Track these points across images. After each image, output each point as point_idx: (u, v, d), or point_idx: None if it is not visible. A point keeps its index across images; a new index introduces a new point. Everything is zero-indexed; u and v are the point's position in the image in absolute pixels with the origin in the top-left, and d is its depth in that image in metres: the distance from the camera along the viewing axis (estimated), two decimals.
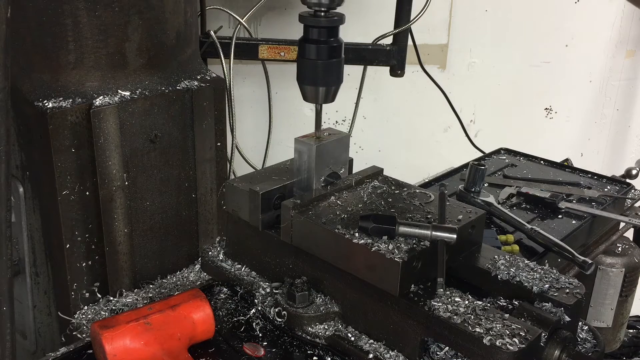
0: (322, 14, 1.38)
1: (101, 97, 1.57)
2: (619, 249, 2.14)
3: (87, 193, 1.59)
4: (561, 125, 3.50)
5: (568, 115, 3.51)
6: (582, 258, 1.67)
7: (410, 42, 2.39)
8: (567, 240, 1.83)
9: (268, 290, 1.46)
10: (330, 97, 1.46)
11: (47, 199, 1.57)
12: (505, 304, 1.29)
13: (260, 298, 1.45)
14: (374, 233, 1.29)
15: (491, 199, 1.93)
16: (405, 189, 1.53)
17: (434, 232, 1.28)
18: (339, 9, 1.40)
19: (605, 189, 2.20)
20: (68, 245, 1.58)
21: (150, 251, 1.76)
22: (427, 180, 2.24)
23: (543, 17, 3.24)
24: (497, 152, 2.54)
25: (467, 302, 1.23)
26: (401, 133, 3.27)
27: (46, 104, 1.50)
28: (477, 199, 1.92)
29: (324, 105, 1.48)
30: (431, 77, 2.59)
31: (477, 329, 1.15)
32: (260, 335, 1.39)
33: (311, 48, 1.40)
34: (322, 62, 1.40)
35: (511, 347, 1.11)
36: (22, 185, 1.64)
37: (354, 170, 1.60)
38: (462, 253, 1.39)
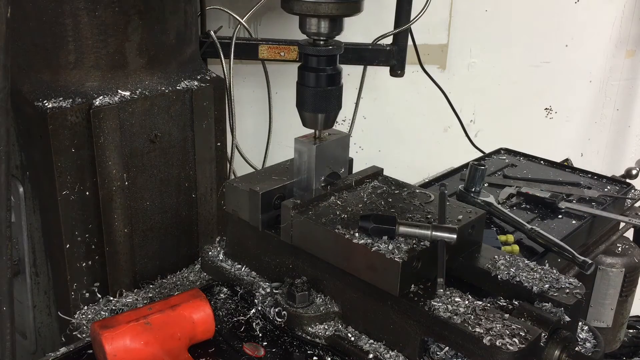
0: (322, 42, 1.39)
1: (101, 97, 1.57)
2: (619, 249, 2.14)
3: (87, 193, 1.59)
4: (561, 125, 3.50)
5: (568, 115, 3.51)
6: (582, 258, 1.67)
7: (410, 42, 2.38)
8: (567, 240, 1.83)
9: (268, 290, 1.46)
10: (329, 123, 1.47)
11: (47, 199, 1.57)
12: (505, 304, 1.29)
13: (260, 298, 1.45)
14: (374, 233, 1.29)
15: (491, 199, 1.93)
16: (405, 189, 1.53)
17: (434, 232, 1.28)
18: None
19: (605, 189, 2.20)
20: (68, 245, 1.58)
21: (150, 251, 1.76)
22: (427, 180, 2.24)
23: (543, 17, 3.24)
24: (497, 152, 2.54)
25: (467, 302, 1.23)
26: (401, 133, 3.27)
27: (46, 104, 1.50)
28: (477, 199, 1.92)
29: None
30: (431, 77, 2.59)
31: (477, 329, 1.15)
32: (260, 335, 1.39)
33: (310, 76, 1.41)
34: (321, 89, 1.41)
35: (511, 347, 1.11)
36: (22, 185, 1.64)
37: (354, 170, 1.60)
38: (462, 253, 1.39)
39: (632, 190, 2.24)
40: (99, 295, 1.67)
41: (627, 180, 2.30)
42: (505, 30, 3.22)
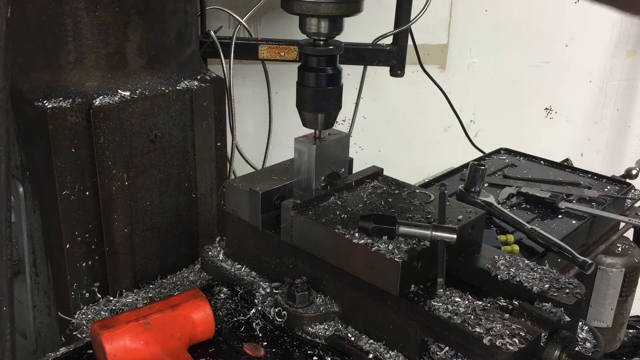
0: (322, 42, 1.39)
1: (101, 97, 1.57)
2: (619, 249, 2.14)
3: (87, 193, 1.59)
4: (561, 125, 3.50)
5: (568, 115, 3.51)
6: (582, 258, 1.67)
7: (410, 42, 2.39)
8: (567, 240, 1.83)
9: (268, 290, 1.46)
10: (330, 123, 1.47)
11: (47, 199, 1.57)
12: (505, 304, 1.29)
13: (260, 298, 1.45)
14: (374, 233, 1.29)
15: (491, 199, 1.93)
16: (405, 189, 1.53)
17: (434, 232, 1.28)
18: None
19: (605, 189, 2.20)
20: (68, 245, 1.58)
21: (150, 251, 1.76)
22: (427, 180, 2.24)
23: (543, 17, 3.24)
24: (497, 152, 2.54)
25: (467, 302, 1.23)
26: (401, 133, 3.27)
27: (46, 104, 1.50)
28: (477, 199, 1.92)
29: None
30: (431, 77, 2.59)
31: (477, 329, 1.15)
32: (260, 335, 1.39)
33: (310, 76, 1.41)
34: (321, 89, 1.41)
35: (511, 347, 1.11)
36: (22, 185, 1.64)
37: (354, 170, 1.60)
38: (462, 253, 1.39)
39: (632, 190, 2.24)
40: (99, 295, 1.67)
41: (627, 180, 2.30)
42: (505, 30, 3.22)
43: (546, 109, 3.47)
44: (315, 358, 1.33)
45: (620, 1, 1.07)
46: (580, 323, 1.36)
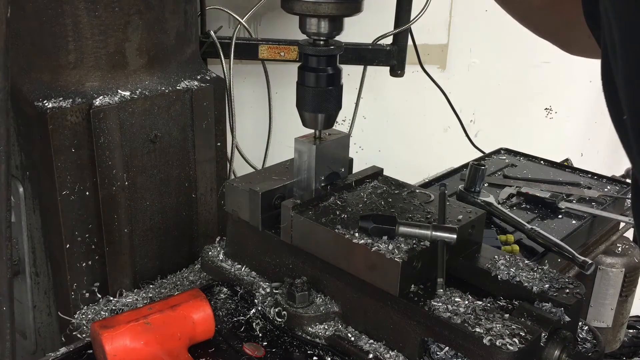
0: (322, 42, 1.39)
1: (101, 97, 1.57)
2: (619, 249, 2.14)
3: (87, 193, 1.59)
4: (561, 125, 3.50)
5: (568, 115, 3.51)
6: (582, 258, 1.67)
7: (410, 42, 2.39)
8: (567, 240, 1.83)
9: (268, 290, 1.46)
10: (330, 123, 1.47)
11: (47, 199, 1.57)
12: (505, 304, 1.29)
13: (260, 298, 1.45)
14: (374, 233, 1.29)
15: (491, 199, 1.93)
16: (405, 189, 1.53)
17: (434, 232, 1.28)
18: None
19: (605, 189, 2.20)
20: (68, 245, 1.58)
21: (150, 251, 1.76)
22: (427, 180, 2.24)
23: None
24: (497, 152, 2.54)
25: (467, 302, 1.23)
26: (401, 133, 3.27)
27: (46, 104, 1.50)
28: (477, 199, 1.92)
29: None
30: (431, 77, 2.59)
31: (477, 329, 1.15)
32: (260, 335, 1.39)
33: (310, 76, 1.41)
34: (321, 89, 1.41)
35: (511, 347, 1.11)
36: (22, 185, 1.64)
37: (354, 170, 1.60)
38: (462, 253, 1.39)
39: None
40: (99, 295, 1.67)
41: (627, 180, 2.30)
42: (505, 30, 3.20)
43: (546, 109, 3.47)
44: (315, 358, 1.33)
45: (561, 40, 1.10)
46: (580, 323, 1.36)
